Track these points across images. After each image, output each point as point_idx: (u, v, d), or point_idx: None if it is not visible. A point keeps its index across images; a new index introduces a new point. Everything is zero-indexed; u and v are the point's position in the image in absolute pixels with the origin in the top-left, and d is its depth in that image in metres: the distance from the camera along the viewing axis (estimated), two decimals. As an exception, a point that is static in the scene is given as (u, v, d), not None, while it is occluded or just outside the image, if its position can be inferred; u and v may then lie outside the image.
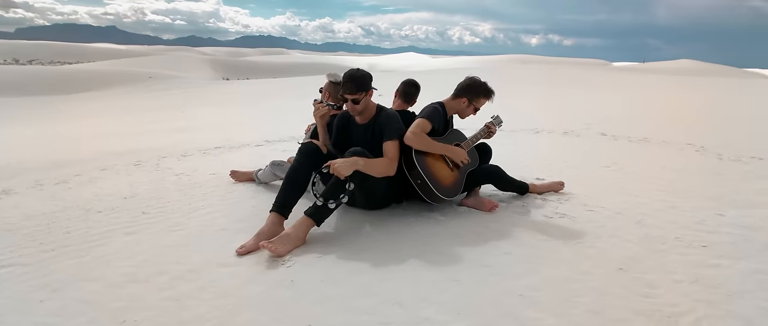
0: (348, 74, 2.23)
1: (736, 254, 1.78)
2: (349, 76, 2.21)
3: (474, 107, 2.46)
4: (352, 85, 2.20)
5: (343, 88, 2.23)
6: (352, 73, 2.22)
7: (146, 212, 2.55)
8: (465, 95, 2.42)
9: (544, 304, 1.46)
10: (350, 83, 2.20)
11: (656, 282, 1.58)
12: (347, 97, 2.23)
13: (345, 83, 2.22)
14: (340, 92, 2.29)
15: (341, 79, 2.70)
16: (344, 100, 2.26)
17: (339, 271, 1.76)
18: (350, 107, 2.26)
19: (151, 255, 1.97)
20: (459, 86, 2.45)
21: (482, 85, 2.42)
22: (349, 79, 2.21)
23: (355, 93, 2.21)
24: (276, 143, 5.09)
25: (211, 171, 3.56)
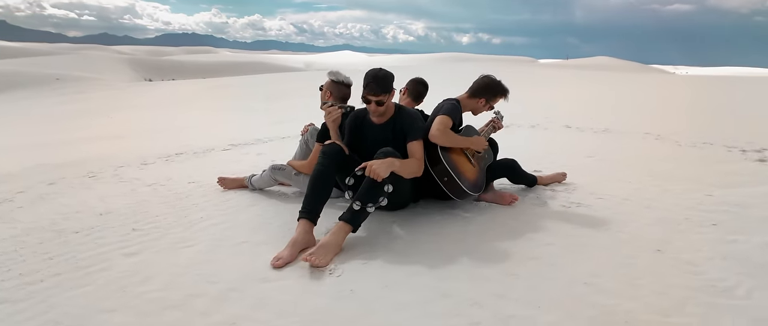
0: (372, 75, 2.16)
1: (743, 229, 2.01)
2: (373, 77, 2.14)
3: (490, 106, 2.52)
4: (376, 86, 2.14)
5: (367, 89, 2.16)
6: (375, 74, 2.16)
7: (137, 229, 2.28)
8: (484, 94, 2.46)
9: (612, 290, 1.53)
10: (374, 83, 2.14)
11: (694, 260, 1.73)
12: (371, 98, 2.16)
13: (368, 84, 2.15)
14: (361, 94, 2.21)
15: (343, 78, 2.63)
16: (367, 101, 2.19)
17: (396, 276, 1.70)
18: (374, 109, 2.20)
19: (171, 276, 1.76)
20: (477, 85, 2.49)
21: (500, 84, 2.48)
22: (373, 80, 2.14)
23: (380, 94, 2.15)
24: (244, 146, 4.81)
25: (188, 179, 3.27)
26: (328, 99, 2.66)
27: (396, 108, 2.30)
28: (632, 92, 11.06)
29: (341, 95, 2.66)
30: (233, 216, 2.43)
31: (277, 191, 2.88)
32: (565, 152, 3.76)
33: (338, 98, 2.66)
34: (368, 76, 2.16)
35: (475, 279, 1.65)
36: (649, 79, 20.08)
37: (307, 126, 2.95)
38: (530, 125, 5.41)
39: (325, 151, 2.15)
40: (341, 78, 2.64)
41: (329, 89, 2.65)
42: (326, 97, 2.66)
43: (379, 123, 2.31)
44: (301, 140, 2.93)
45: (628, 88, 12.79)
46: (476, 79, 2.52)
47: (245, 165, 3.74)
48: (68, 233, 2.26)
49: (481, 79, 2.50)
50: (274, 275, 1.75)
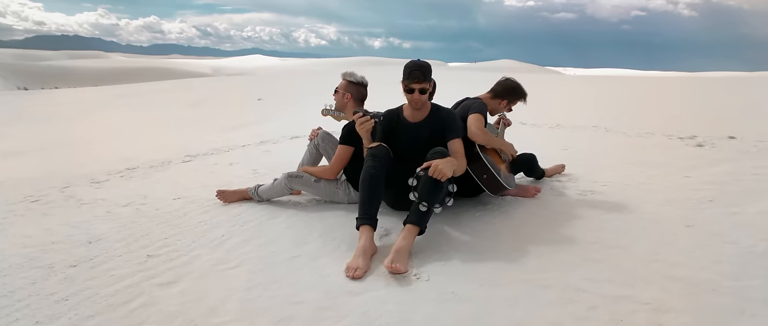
0: (414, 64, 2.14)
1: (734, 203, 2.36)
2: (417, 66, 2.13)
3: (510, 108, 2.63)
4: (420, 73, 2.12)
5: (411, 78, 2.12)
6: (417, 63, 2.14)
7: (153, 255, 1.98)
8: (507, 96, 2.56)
9: (680, 263, 1.71)
10: (419, 71, 2.12)
11: (720, 231, 2.00)
12: (415, 86, 2.13)
13: (412, 72, 2.12)
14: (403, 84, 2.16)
15: (360, 78, 2.55)
16: (410, 90, 2.15)
17: (483, 273, 1.70)
18: (417, 98, 2.16)
19: (240, 302, 1.56)
20: (501, 87, 2.58)
21: (521, 88, 2.60)
22: (417, 68, 2.12)
23: (423, 82, 2.13)
24: (206, 156, 4.39)
25: (170, 196, 2.91)
26: (348, 100, 2.56)
27: (432, 107, 2.30)
28: (546, 91, 12.28)
29: (360, 96, 2.59)
30: (259, 231, 2.22)
31: (286, 200, 2.68)
32: (542, 146, 4.05)
33: (358, 99, 2.58)
34: (410, 66, 2.14)
35: (562, 268, 1.71)
36: (550, 79, 22.59)
37: (316, 131, 2.80)
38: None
39: (374, 153, 2.07)
40: (358, 78, 2.57)
41: (348, 91, 2.55)
42: (346, 99, 2.56)
43: (415, 122, 2.29)
44: (310, 145, 2.78)
45: (540, 87, 14.19)
46: (498, 81, 2.61)
47: (225, 176, 3.43)
48: (64, 268, 1.87)
49: (505, 82, 2.60)
50: (357, 286, 1.63)
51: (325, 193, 2.55)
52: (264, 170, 3.57)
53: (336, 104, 2.61)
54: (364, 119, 2.14)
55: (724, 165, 3.14)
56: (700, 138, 4.16)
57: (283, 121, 7.31)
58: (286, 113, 8.58)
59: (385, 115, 2.34)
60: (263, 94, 13.74)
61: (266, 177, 3.31)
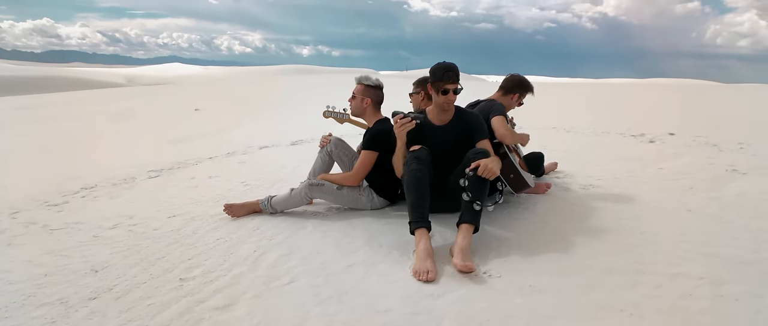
0: (447, 66, 2.18)
1: (711, 188, 2.72)
2: (449, 67, 2.18)
3: (520, 102, 2.78)
4: (454, 74, 2.18)
5: (445, 78, 2.16)
6: (448, 64, 2.19)
7: (186, 278, 1.79)
8: (518, 90, 2.71)
9: (709, 242, 1.93)
10: (452, 72, 2.17)
11: (716, 213, 2.30)
12: (449, 87, 2.18)
13: (446, 72, 2.17)
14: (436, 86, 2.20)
15: (375, 81, 2.55)
16: (444, 91, 2.19)
17: (546, 264, 1.78)
18: (450, 99, 2.21)
19: (319, 316, 1.48)
20: (511, 83, 2.71)
21: (527, 81, 2.76)
22: (450, 69, 2.17)
23: (457, 82, 2.19)
24: (175, 171, 4.03)
25: (164, 214, 2.65)
26: (368, 105, 2.53)
27: (456, 109, 2.36)
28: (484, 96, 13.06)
29: (378, 99, 2.57)
30: (294, 243, 2.10)
31: (301, 211, 2.56)
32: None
33: (377, 102, 2.56)
34: (443, 67, 2.18)
35: (610, 254, 1.85)
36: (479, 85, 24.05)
37: (327, 137, 2.72)
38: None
39: (417, 156, 2.07)
40: (374, 81, 2.55)
41: (366, 96, 2.52)
42: (365, 104, 2.52)
43: (441, 124, 2.33)
44: (323, 152, 2.70)
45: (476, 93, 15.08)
46: (507, 78, 2.75)
47: (215, 190, 3.18)
48: (82, 301, 1.63)
49: (513, 77, 2.74)
50: (434, 289, 1.63)
51: (348, 200, 2.48)
52: (254, 182, 3.37)
53: (352, 109, 2.56)
54: (405, 121, 2.13)
55: (683, 158, 3.60)
56: (648, 136, 4.72)
57: (242, 131, 6.95)
58: (239, 122, 8.15)
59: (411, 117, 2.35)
60: (198, 104, 12.91)
61: (259, 189, 3.15)
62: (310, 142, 5.27)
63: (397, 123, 2.14)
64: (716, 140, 4.26)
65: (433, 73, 2.20)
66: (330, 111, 2.96)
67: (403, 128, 2.14)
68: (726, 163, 3.35)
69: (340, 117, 2.96)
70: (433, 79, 2.21)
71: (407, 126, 2.13)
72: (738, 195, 2.55)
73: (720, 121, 6.28)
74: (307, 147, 4.87)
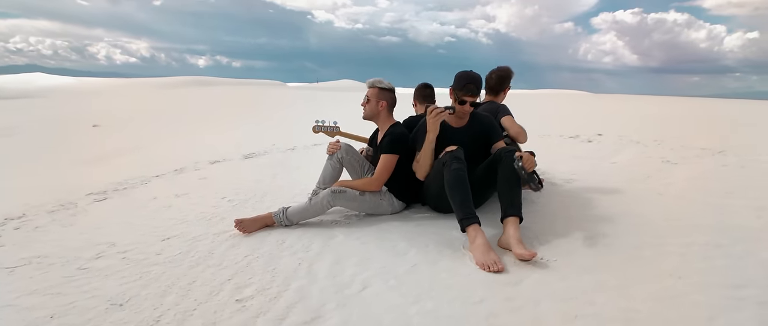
0: (469, 76, 2.34)
1: (664, 177, 3.27)
2: (472, 80, 2.33)
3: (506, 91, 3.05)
4: (474, 87, 2.34)
5: (464, 90, 2.32)
6: (472, 76, 2.35)
7: (244, 299, 1.67)
8: (506, 84, 2.97)
9: (691, 217, 2.35)
10: (473, 85, 2.33)
11: (682, 194, 2.78)
12: (467, 99, 2.34)
13: (466, 85, 2.32)
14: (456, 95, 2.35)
15: (388, 84, 2.63)
16: (462, 102, 2.35)
17: (583, 248, 2.01)
18: (467, 110, 2.37)
19: (422, 315, 1.50)
20: (496, 80, 2.95)
21: (504, 71, 3.01)
22: (472, 81, 2.33)
23: (476, 95, 2.36)
24: (120, 191, 3.58)
25: (154, 238, 2.38)
26: (383, 109, 2.58)
27: (472, 113, 2.53)
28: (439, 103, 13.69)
29: (392, 102, 2.63)
30: (337, 252, 2.05)
31: (317, 221, 2.49)
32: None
33: (392, 105, 2.62)
34: (465, 78, 2.33)
35: (627, 234, 2.16)
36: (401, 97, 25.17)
37: (336, 144, 2.69)
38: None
39: (457, 156, 2.18)
40: (386, 84, 2.61)
41: (382, 98, 2.57)
42: (380, 107, 2.57)
43: (459, 127, 2.49)
44: (333, 160, 2.67)
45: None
46: (487, 79, 2.97)
47: (196, 209, 2.91)
48: (136, 339, 1.42)
49: (496, 72, 2.98)
50: (509, 277, 1.74)
51: (370, 206, 2.49)
52: (237, 197, 3.15)
53: (367, 113, 2.58)
54: (439, 109, 2.23)
55: (623, 154, 4.24)
56: (582, 137, 5.44)
57: (171, 146, 6.35)
58: (160, 137, 7.42)
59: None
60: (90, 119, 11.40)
61: (249, 204, 2.97)
62: (263, 155, 5.05)
63: (432, 113, 2.23)
64: (637, 138, 5.08)
65: (457, 81, 2.34)
66: (319, 126, 2.95)
67: (438, 117, 2.23)
68: (657, 156, 4.03)
69: (330, 131, 2.95)
70: (456, 87, 2.35)
71: (442, 115, 2.23)
72: (684, 179, 3.13)
73: (626, 122, 7.45)
74: (268, 160, 4.67)
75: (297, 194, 3.14)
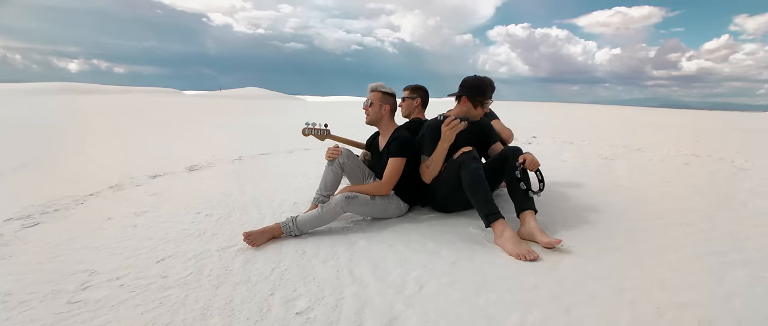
0: (490, 85, 2.52)
1: (611, 164, 3.80)
2: (490, 85, 2.52)
3: None
4: (492, 92, 2.54)
5: (487, 95, 2.50)
6: (490, 83, 2.53)
7: (304, 311, 1.62)
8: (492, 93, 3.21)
9: (667, 201, 2.79)
10: (493, 91, 2.53)
11: (664, 181, 3.28)
12: (488, 102, 2.51)
13: (485, 91, 2.50)
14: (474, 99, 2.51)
15: (390, 88, 2.72)
16: (480, 105, 2.51)
17: (594, 232, 2.30)
18: (480, 113, 2.54)
19: (494, 305, 1.61)
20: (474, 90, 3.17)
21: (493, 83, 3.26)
22: (491, 87, 2.52)
23: (491, 99, 2.55)
24: (62, 211, 3.11)
25: (147, 260, 2.16)
26: (386, 112, 2.64)
27: None
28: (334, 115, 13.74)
29: (394, 106, 2.71)
30: (367, 258, 2.05)
31: (326, 229, 2.46)
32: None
33: (394, 109, 2.70)
34: (488, 86, 2.52)
35: (629, 219, 2.50)
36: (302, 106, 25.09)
37: (336, 150, 2.67)
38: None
39: (474, 156, 2.32)
40: (388, 88, 2.67)
41: (385, 102, 2.62)
42: (384, 111, 2.62)
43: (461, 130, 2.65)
44: (334, 166, 2.65)
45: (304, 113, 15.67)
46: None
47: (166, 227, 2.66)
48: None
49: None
50: (544, 263, 1.92)
51: (380, 210, 2.52)
52: (214, 211, 2.94)
53: (370, 117, 2.62)
54: (456, 122, 2.34)
55: (567, 153, 4.82)
56: (522, 139, 6.02)
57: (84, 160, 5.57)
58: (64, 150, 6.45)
59: (432, 124, 2.59)
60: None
61: (234, 217, 2.79)
62: (209, 167, 4.72)
63: (449, 125, 2.34)
64: (568, 139, 5.78)
65: (476, 88, 2.49)
66: (310, 128, 2.92)
67: (454, 130, 2.35)
68: (594, 153, 4.66)
69: (320, 134, 2.94)
70: (476, 94, 2.49)
71: (458, 127, 2.35)
72: (628, 172, 3.69)
73: (550, 126, 8.36)
74: (219, 171, 4.38)
75: (282, 204, 3.03)
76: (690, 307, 1.54)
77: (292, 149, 5.85)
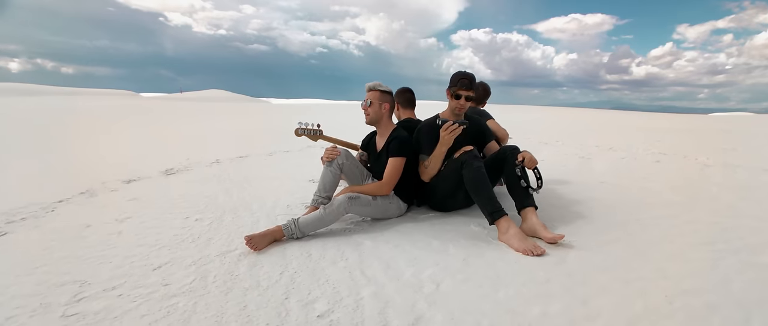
0: (462, 73, 2.51)
1: (588, 162, 3.97)
2: (465, 75, 2.50)
3: None
4: (468, 82, 2.51)
5: (460, 85, 2.48)
6: (464, 73, 2.52)
7: (323, 314, 1.60)
8: (488, 96, 3.30)
9: (650, 196, 2.95)
10: (466, 79, 2.50)
11: (620, 175, 3.44)
12: (462, 93, 2.49)
13: (460, 80, 2.48)
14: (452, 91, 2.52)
15: (387, 87, 2.73)
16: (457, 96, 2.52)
17: (590, 226, 2.39)
18: (463, 105, 2.53)
19: (513, 299, 1.65)
20: (482, 92, 3.26)
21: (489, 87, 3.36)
22: (465, 77, 2.49)
23: (470, 90, 2.54)
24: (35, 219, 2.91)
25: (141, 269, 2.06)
26: (386, 111, 2.64)
27: (465, 115, 2.75)
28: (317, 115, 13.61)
29: (393, 105, 2.71)
30: (377, 259, 2.05)
31: (327, 231, 2.43)
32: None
33: (393, 108, 2.70)
34: (459, 75, 2.52)
35: (622, 212, 2.62)
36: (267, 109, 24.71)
37: (334, 150, 2.65)
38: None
39: (475, 154, 2.37)
40: (386, 87, 2.67)
41: (384, 101, 2.62)
42: (384, 110, 2.62)
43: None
44: (333, 166, 2.62)
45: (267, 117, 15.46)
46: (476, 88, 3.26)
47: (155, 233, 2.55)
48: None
49: (483, 86, 3.30)
50: (552, 258, 1.99)
51: (381, 210, 2.52)
52: (203, 216, 2.84)
53: (371, 116, 2.61)
54: (454, 127, 2.36)
55: (543, 152, 4.99)
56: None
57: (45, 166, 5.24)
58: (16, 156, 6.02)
59: (427, 124, 2.62)
60: None
61: (226, 221, 2.71)
62: (186, 170, 4.55)
63: (448, 129, 2.36)
64: (543, 140, 5.99)
65: (451, 79, 2.54)
66: (303, 128, 2.89)
67: (453, 134, 2.37)
68: (571, 153, 4.85)
69: (313, 134, 2.91)
70: (450, 85, 2.54)
71: (456, 131, 2.38)
72: (607, 170, 3.87)
73: (521, 127, 8.61)
74: (198, 175, 4.24)
75: (274, 206, 2.97)
76: (695, 294, 1.64)
77: (271, 152, 5.74)
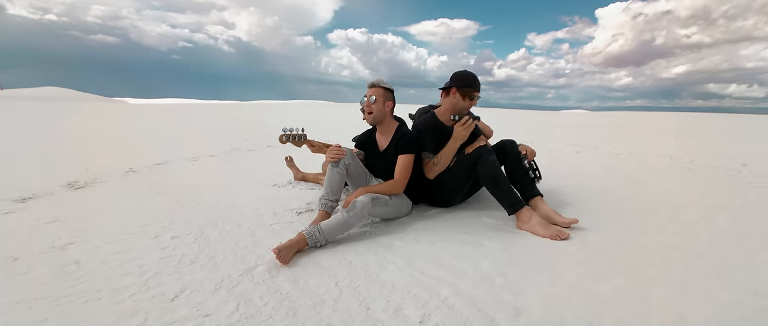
0: (473, 76, 2.63)
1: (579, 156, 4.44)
2: (475, 77, 2.62)
3: None
4: (479, 84, 2.65)
5: (475, 86, 2.60)
6: (474, 75, 2.65)
7: (422, 321, 1.56)
8: None
9: (650, 198, 3.40)
10: (478, 82, 2.63)
11: (610, 169, 3.92)
12: (476, 94, 2.63)
13: (476, 81, 2.61)
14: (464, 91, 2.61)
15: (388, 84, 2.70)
16: (471, 97, 2.64)
17: (592, 210, 2.69)
18: (470, 105, 2.68)
19: (567, 286, 1.80)
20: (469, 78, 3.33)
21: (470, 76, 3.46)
22: (477, 79, 2.62)
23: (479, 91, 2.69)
24: None
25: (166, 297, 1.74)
26: (389, 109, 2.60)
27: None
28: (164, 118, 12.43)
29: (394, 101, 2.67)
30: (423, 259, 2.03)
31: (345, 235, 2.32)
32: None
33: (394, 105, 2.66)
34: (471, 76, 2.61)
35: (620, 198, 2.98)
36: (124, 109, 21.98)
37: (340, 150, 2.51)
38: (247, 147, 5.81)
39: (489, 149, 2.47)
40: (389, 84, 2.63)
41: (388, 99, 2.58)
42: (387, 107, 2.58)
43: (451, 125, 2.79)
44: (340, 167, 2.51)
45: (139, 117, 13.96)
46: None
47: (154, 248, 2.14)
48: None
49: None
50: (575, 241, 2.19)
51: (395, 210, 2.47)
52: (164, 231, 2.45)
53: (375, 115, 2.53)
54: (471, 122, 2.43)
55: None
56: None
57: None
58: None
59: (428, 120, 2.67)
60: None
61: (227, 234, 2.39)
62: (99, 182, 3.81)
63: (464, 125, 2.43)
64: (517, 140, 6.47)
65: (464, 78, 2.59)
66: (287, 134, 2.72)
67: (469, 129, 2.44)
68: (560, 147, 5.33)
69: (298, 140, 2.76)
70: (463, 85, 2.60)
71: (471, 126, 2.46)
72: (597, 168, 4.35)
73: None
74: (115, 186, 3.59)
75: (260, 215, 2.70)
76: (705, 257, 1.99)
77: (194, 156, 5.13)
